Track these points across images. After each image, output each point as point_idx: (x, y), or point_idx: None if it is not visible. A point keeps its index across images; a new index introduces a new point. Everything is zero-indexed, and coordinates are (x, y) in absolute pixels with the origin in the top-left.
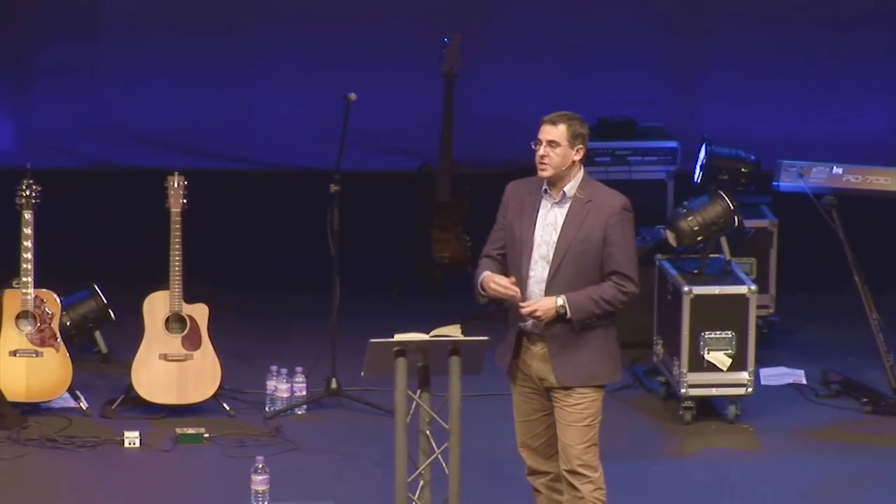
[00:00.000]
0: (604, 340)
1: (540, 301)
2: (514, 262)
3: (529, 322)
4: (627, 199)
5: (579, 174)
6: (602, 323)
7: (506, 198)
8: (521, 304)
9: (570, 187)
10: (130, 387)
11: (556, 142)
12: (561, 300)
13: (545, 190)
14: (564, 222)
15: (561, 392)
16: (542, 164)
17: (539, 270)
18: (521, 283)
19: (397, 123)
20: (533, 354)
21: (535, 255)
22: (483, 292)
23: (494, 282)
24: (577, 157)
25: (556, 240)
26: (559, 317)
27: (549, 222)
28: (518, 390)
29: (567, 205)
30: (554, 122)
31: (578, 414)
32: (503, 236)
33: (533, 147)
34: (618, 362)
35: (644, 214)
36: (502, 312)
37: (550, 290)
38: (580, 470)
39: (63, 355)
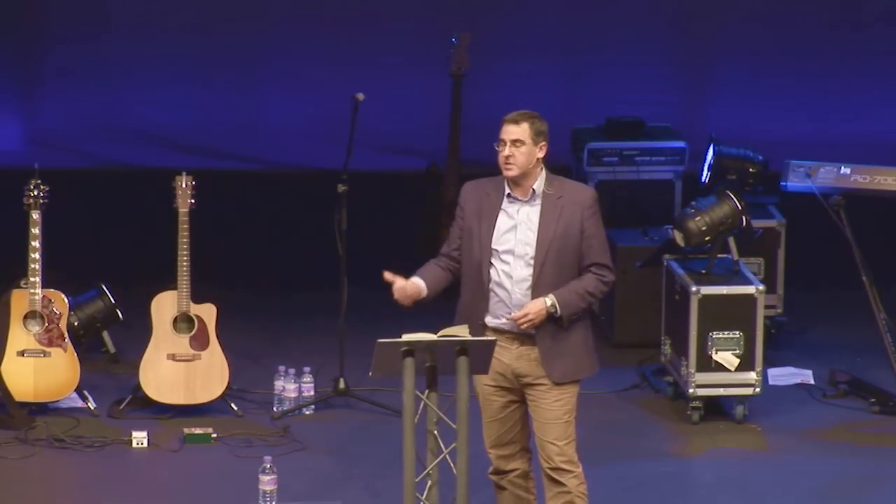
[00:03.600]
0: (585, 334)
1: (529, 306)
2: (473, 265)
3: (503, 321)
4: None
5: (543, 171)
6: (584, 317)
7: (462, 199)
8: (510, 315)
9: (539, 185)
10: (138, 387)
11: (520, 140)
12: (550, 300)
13: (508, 193)
14: (541, 221)
15: (542, 389)
16: (508, 164)
17: (519, 271)
18: (483, 285)
19: (405, 123)
20: (509, 353)
21: (510, 256)
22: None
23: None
24: (541, 155)
25: (534, 239)
26: (549, 316)
27: (522, 222)
28: (485, 389)
29: (538, 203)
30: (516, 122)
31: (560, 410)
32: (460, 235)
33: (496, 148)
34: (595, 354)
35: (652, 214)
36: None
37: (537, 290)
38: (564, 466)
39: (71, 355)
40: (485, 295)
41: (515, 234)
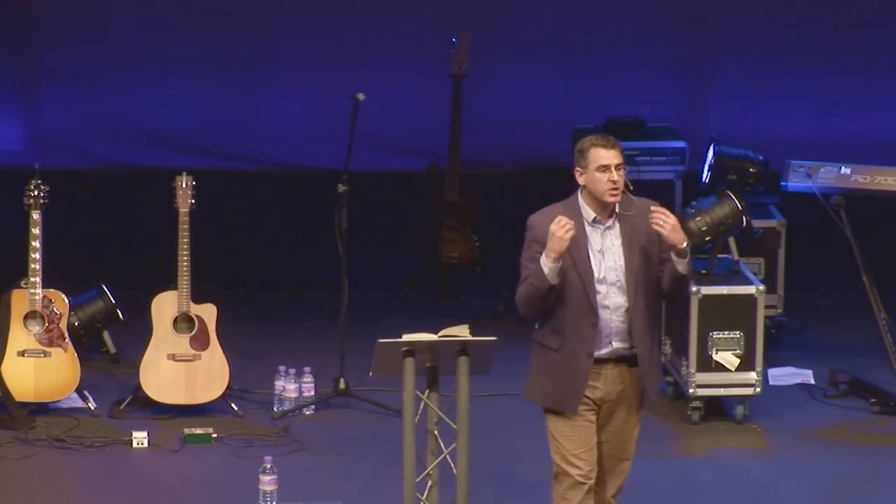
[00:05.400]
0: (659, 348)
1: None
2: (576, 297)
3: (606, 350)
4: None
5: None
6: (656, 331)
7: (538, 233)
8: (659, 212)
9: (617, 206)
10: (139, 387)
11: (621, 164)
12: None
13: (595, 219)
14: (624, 244)
15: (625, 408)
16: (615, 189)
17: (614, 298)
18: (592, 316)
19: (406, 123)
20: (605, 379)
21: (603, 285)
22: (550, 264)
23: (555, 233)
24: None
25: (622, 265)
26: (681, 246)
27: (609, 247)
28: (581, 422)
29: (616, 225)
30: (613, 146)
31: (638, 426)
32: None
33: (594, 174)
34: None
35: None
36: (522, 327)
37: (633, 313)
38: (624, 482)
39: (71, 355)
40: (594, 325)
41: (603, 261)
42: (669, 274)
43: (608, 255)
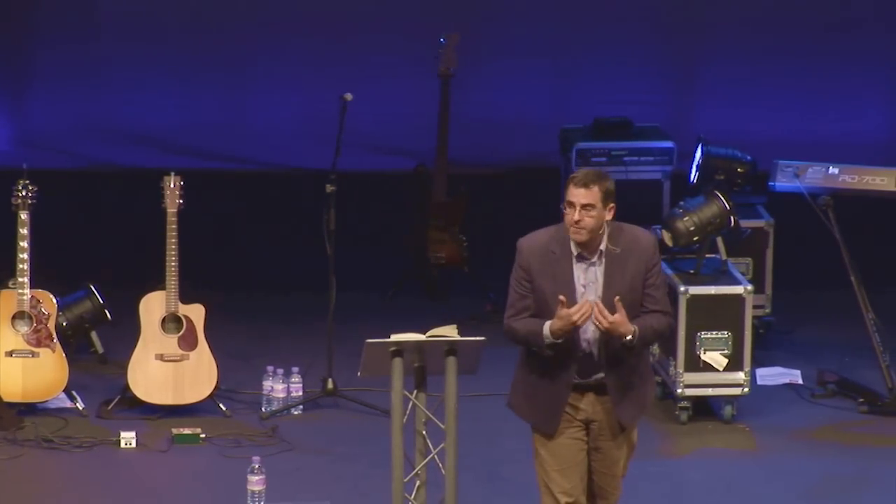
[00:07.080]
0: (646, 370)
1: (619, 321)
2: None
3: (587, 381)
4: (650, 232)
5: (606, 227)
6: (645, 359)
7: (524, 259)
8: (602, 318)
9: (604, 243)
10: (127, 387)
11: (591, 205)
12: (632, 336)
13: (579, 253)
14: (605, 280)
15: (610, 431)
16: (577, 228)
17: (591, 332)
18: (577, 346)
19: (393, 123)
20: (586, 400)
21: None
22: (552, 340)
23: (566, 315)
24: (610, 217)
25: (601, 298)
26: (622, 342)
27: (591, 281)
28: (564, 439)
29: (601, 260)
30: (587, 185)
31: (627, 448)
32: (532, 302)
33: (562, 209)
34: (653, 386)
35: (640, 215)
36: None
37: (607, 348)
38: (618, 498)
39: (59, 356)
40: (576, 357)
41: (585, 294)
42: None
43: (589, 290)
